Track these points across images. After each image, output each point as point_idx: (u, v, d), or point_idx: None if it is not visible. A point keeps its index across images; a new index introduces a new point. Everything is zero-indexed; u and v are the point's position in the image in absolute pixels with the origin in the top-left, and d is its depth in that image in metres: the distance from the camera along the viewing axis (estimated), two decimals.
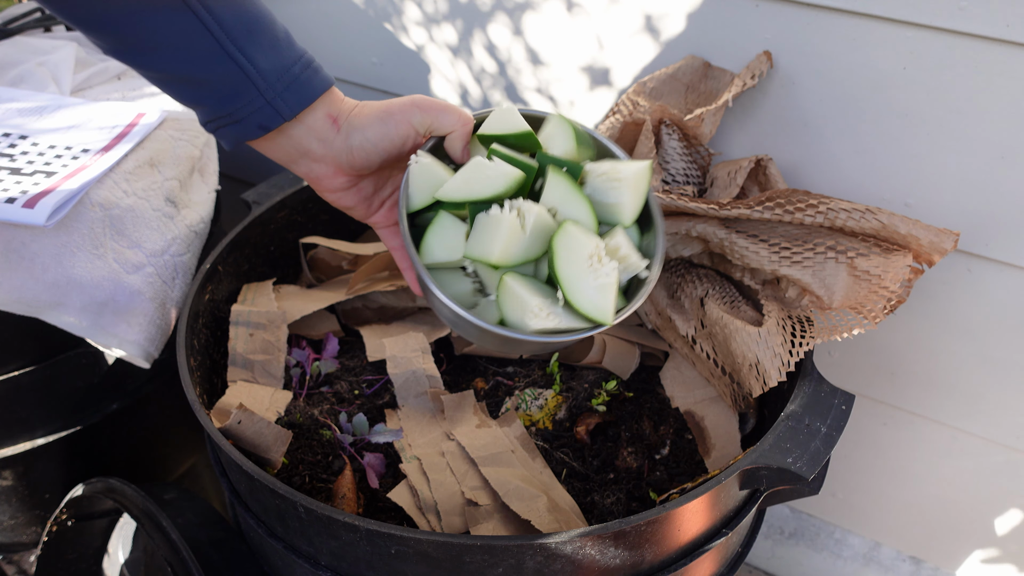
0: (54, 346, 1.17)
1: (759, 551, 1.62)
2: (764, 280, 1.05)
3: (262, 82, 0.74)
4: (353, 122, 0.80)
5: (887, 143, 1.12)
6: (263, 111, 0.76)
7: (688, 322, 1.07)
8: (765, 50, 1.15)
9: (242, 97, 0.75)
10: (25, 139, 1.21)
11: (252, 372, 1.08)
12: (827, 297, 0.96)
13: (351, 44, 1.54)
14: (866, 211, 0.95)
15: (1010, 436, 1.25)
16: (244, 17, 0.73)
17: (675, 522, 0.83)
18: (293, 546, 0.90)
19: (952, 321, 1.20)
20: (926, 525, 1.41)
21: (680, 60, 1.22)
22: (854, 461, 1.41)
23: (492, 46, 1.39)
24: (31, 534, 1.34)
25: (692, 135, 1.16)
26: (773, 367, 0.94)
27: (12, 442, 1.21)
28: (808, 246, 0.98)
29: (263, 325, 1.10)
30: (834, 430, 0.89)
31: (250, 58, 0.74)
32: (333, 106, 0.80)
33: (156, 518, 1.01)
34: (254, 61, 0.74)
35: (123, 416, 1.28)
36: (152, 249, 1.15)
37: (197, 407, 0.91)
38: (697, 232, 1.04)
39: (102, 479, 1.10)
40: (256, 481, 0.84)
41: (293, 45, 0.77)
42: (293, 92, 0.76)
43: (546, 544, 0.77)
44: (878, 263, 0.94)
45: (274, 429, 0.95)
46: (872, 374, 1.31)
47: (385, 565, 0.82)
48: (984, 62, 1.01)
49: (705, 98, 1.20)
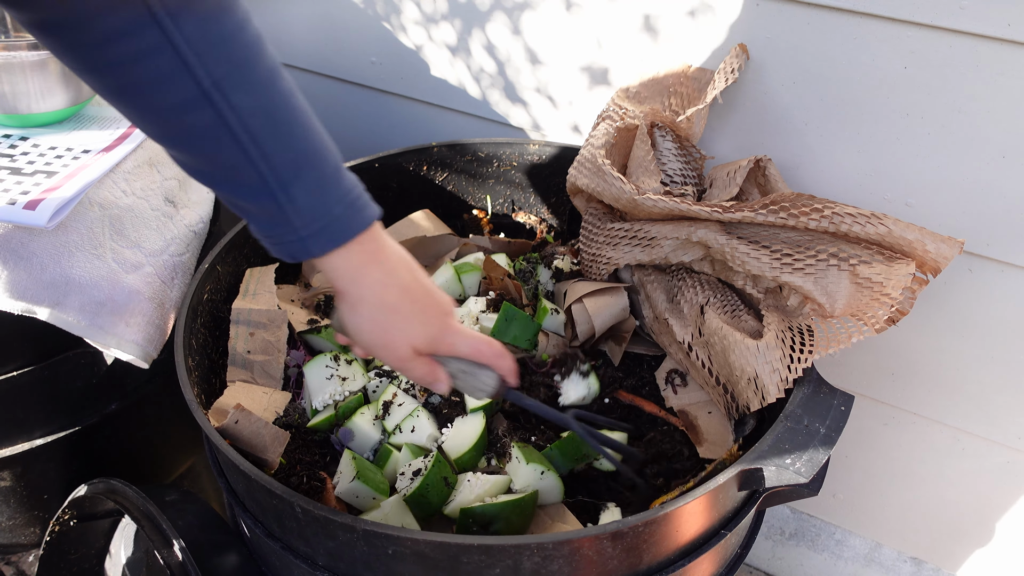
0: (53, 346, 1.17)
1: (759, 552, 1.62)
2: (766, 288, 1.05)
3: (298, 220, 0.75)
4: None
5: (888, 143, 1.12)
6: (295, 245, 0.77)
7: (686, 328, 1.06)
8: (740, 43, 1.15)
9: (278, 228, 0.76)
10: (26, 140, 1.21)
11: (251, 372, 1.08)
12: (829, 305, 0.96)
13: (350, 44, 1.54)
14: (871, 216, 0.94)
15: (1011, 436, 1.24)
16: (294, 154, 0.74)
17: (673, 523, 0.83)
18: (291, 546, 0.89)
19: (953, 321, 1.19)
20: (927, 526, 1.40)
21: (659, 63, 1.23)
22: (854, 461, 1.40)
23: (491, 45, 1.39)
24: (30, 535, 1.34)
25: (684, 136, 1.16)
26: (772, 382, 0.93)
27: (10, 443, 1.21)
28: (810, 253, 0.97)
29: (264, 324, 1.10)
30: (833, 431, 0.88)
31: (291, 197, 0.74)
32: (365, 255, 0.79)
33: (156, 520, 1.01)
34: (294, 200, 0.74)
35: (122, 416, 1.28)
36: (151, 249, 1.14)
37: (195, 407, 0.91)
38: (698, 237, 1.03)
39: (104, 480, 1.10)
40: (253, 481, 0.83)
41: (340, 182, 0.77)
42: (327, 233, 0.76)
43: (543, 544, 0.77)
44: (880, 270, 0.93)
45: (271, 429, 0.95)
46: (872, 374, 1.30)
47: (382, 565, 0.82)
48: (985, 61, 1.01)
49: (688, 99, 1.20)
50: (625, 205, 1.07)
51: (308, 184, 0.74)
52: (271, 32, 1.62)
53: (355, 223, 0.77)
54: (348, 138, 1.68)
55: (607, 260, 1.13)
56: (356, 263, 0.79)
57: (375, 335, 0.83)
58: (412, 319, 0.83)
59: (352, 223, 0.77)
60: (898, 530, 1.44)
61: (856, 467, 1.41)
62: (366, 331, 0.83)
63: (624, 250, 1.12)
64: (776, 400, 0.94)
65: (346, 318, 0.83)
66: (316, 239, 0.76)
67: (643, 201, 1.03)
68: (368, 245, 0.79)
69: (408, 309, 0.82)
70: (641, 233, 1.09)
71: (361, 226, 0.78)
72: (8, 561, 1.49)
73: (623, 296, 1.13)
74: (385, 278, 0.80)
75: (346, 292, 0.81)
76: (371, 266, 0.80)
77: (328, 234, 0.76)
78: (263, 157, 0.72)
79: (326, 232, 0.76)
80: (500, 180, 1.38)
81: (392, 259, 0.81)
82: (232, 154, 0.72)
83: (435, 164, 1.37)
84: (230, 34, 0.69)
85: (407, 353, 0.84)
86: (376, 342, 0.83)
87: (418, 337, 0.83)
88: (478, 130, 1.50)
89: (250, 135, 0.71)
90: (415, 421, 1.02)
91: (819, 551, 1.55)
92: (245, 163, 0.72)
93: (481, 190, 1.40)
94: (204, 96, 0.69)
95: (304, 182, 0.74)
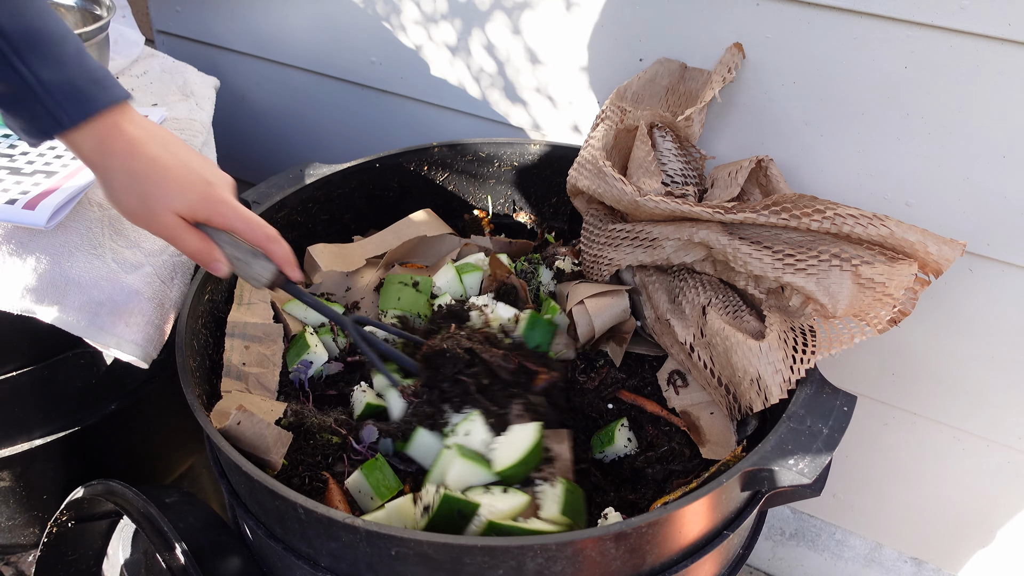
0: (52, 346, 1.16)
1: (760, 552, 1.62)
2: (768, 289, 1.05)
3: (42, 91, 0.80)
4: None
5: (888, 143, 1.12)
6: (44, 119, 0.81)
7: (687, 329, 1.06)
8: (735, 42, 1.15)
9: (27, 103, 0.80)
10: None
11: (246, 384, 1.06)
12: (831, 305, 0.96)
13: (350, 44, 1.54)
14: (873, 218, 0.94)
15: (1012, 436, 1.24)
16: (29, 30, 0.79)
17: (676, 524, 0.83)
18: (293, 548, 0.89)
19: (954, 321, 1.20)
20: (928, 526, 1.40)
21: (655, 64, 1.23)
22: (855, 462, 1.40)
23: (491, 45, 1.39)
24: (29, 535, 1.34)
25: (684, 136, 1.16)
26: (775, 383, 0.93)
27: (10, 443, 1.21)
28: (812, 253, 0.97)
29: (259, 338, 1.10)
30: (836, 431, 0.88)
31: (33, 70, 0.79)
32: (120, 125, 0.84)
33: (156, 521, 1.01)
34: (37, 73, 0.79)
35: (121, 417, 1.28)
36: (150, 248, 1.14)
37: (196, 408, 0.91)
38: (700, 238, 1.03)
39: (103, 481, 1.10)
40: (256, 482, 0.83)
41: (84, 62, 0.82)
42: (73, 105, 0.81)
43: (547, 545, 0.77)
44: (882, 271, 0.93)
45: (274, 430, 0.95)
46: (873, 374, 1.30)
47: (385, 567, 0.82)
48: (985, 61, 1.01)
49: (686, 99, 1.20)
50: (626, 206, 1.07)
51: (48, 58, 0.80)
52: (271, 32, 1.62)
53: (101, 98, 0.83)
54: (348, 138, 1.67)
55: (608, 261, 1.13)
56: (103, 135, 0.84)
57: (131, 204, 0.87)
58: (166, 185, 0.86)
59: (98, 98, 0.82)
60: (898, 530, 1.44)
61: (856, 467, 1.41)
62: (123, 201, 0.87)
63: (625, 251, 1.12)
64: (779, 401, 0.94)
65: (105, 193, 0.87)
66: (64, 111, 0.81)
67: (644, 202, 1.03)
68: (117, 119, 0.84)
69: (160, 176, 0.86)
70: (642, 234, 1.09)
71: (108, 101, 0.83)
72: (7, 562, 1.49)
73: (624, 298, 1.13)
74: (130, 147, 0.85)
75: (95, 165, 0.85)
76: (116, 138, 0.84)
77: (75, 105, 0.81)
78: (2, 36, 0.77)
79: (72, 103, 0.81)
80: (501, 180, 1.38)
81: (141, 133, 0.86)
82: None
83: (436, 164, 1.36)
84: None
85: (171, 220, 0.87)
86: (136, 210, 0.87)
87: (177, 202, 0.87)
88: (478, 130, 1.50)
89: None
90: (470, 424, 0.98)
91: (819, 551, 1.55)
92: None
93: (482, 190, 1.40)
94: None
95: (44, 56, 0.79)
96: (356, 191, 1.34)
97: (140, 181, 0.85)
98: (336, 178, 1.30)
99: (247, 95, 1.75)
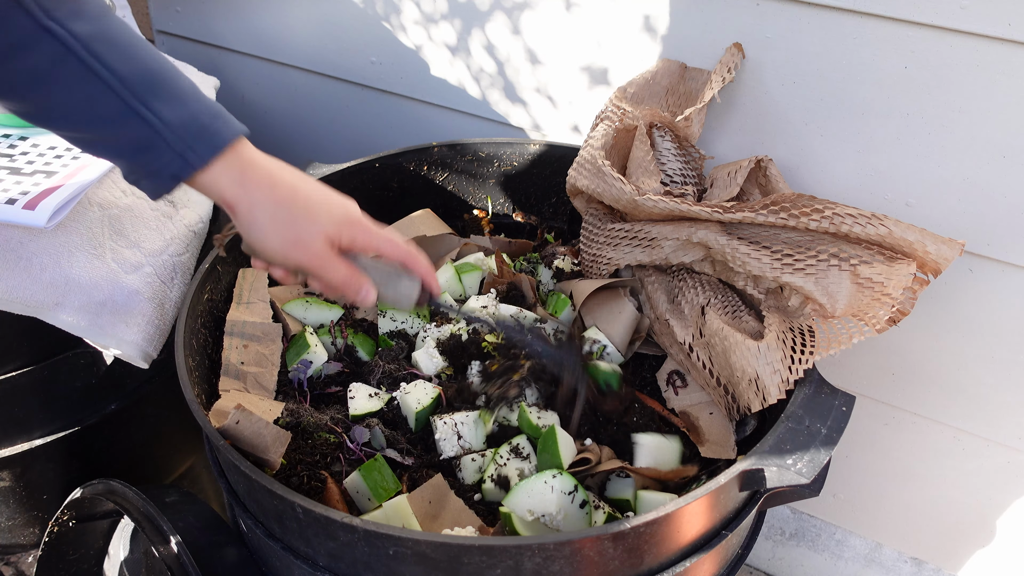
0: (52, 346, 1.17)
1: (759, 552, 1.62)
2: (767, 289, 1.05)
3: (169, 134, 0.75)
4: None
5: (888, 143, 1.12)
6: (173, 163, 0.76)
7: (686, 329, 1.06)
8: (735, 42, 1.15)
9: (152, 151, 0.76)
10: (25, 139, 1.21)
11: (244, 383, 1.07)
12: (830, 305, 0.96)
13: (351, 44, 1.54)
14: (872, 218, 0.94)
15: (1012, 436, 1.24)
16: (145, 73, 0.75)
17: (675, 523, 0.83)
18: (291, 547, 0.89)
19: (954, 321, 1.19)
20: (927, 526, 1.40)
21: (655, 64, 1.23)
22: (855, 462, 1.40)
23: (491, 45, 1.39)
24: (29, 535, 1.34)
25: (683, 136, 1.16)
26: (773, 383, 0.93)
27: (10, 443, 1.21)
28: (811, 253, 0.97)
29: (258, 337, 1.10)
30: (834, 432, 0.88)
31: (155, 112, 0.75)
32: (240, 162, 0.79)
33: (156, 521, 1.01)
34: (159, 114, 0.75)
35: (121, 417, 1.28)
36: (150, 249, 1.14)
37: (195, 407, 0.91)
38: (698, 238, 1.03)
39: (103, 481, 1.10)
40: (254, 482, 0.83)
41: (200, 97, 0.78)
42: (202, 142, 0.76)
43: (544, 545, 0.77)
44: (881, 271, 0.93)
45: (273, 430, 0.95)
46: (873, 374, 1.30)
47: (383, 566, 0.82)
48: (986, 61, 1.01)
49: (685, 99, 1.20)
50: (625, 206, 1.07)
51: (168, 98, 0.75)
52: (272, 32, 1.62)
53: (227, 131, 0.78)
54: (348, 138, 1.68)
55: (608, 261, 1.13)
56: (239, 168, 0.78)
57: (281, 235, 0.80)
58: (313, 209, 0.81)
59: (225, 131, 0.78)
60: (898, 530, 1.44)
61: (856, 467, 1.41)
62: (271, 234, 0.80)
63: (625, 251, 1.12)
64: (777, 401, 0.93)
65: (247, 231, 0.81)
66: (192, 150, 0.76)
67: (643, 202, 1.03)
68: (244, 153, 0.79)
69: (304, 202, 0.81)
70: (641, 234, 1.09)
71: (234, 133, 0.78)
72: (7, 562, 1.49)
73: (625, 302, 1.14)
74: (270, 177, 0.80)
75: (237, 201, 0.79)
76: (255, 170, 0.79)
77: (203, 142, 0.76)
78: (116, 77, 0.73)
79: (201, 141, 0.76)
80: (500, 180, 1.38)
81: (272, 163, 0.81)
82: (84, 84, 0.72)
83: (435, 164, 1.36)
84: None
85: (322, 247, 0.82)
86: (286, 241, 0.81)
87: (328, 225, 0.82)
88: (478, 130, 1.50)
89: (97, 58, 0.72)
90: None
91: (819, 551, 1.55)
92: (100, 89, 0.73)
93: (481, 190, 1.40)
94: (43, 29, 0.70)
95: (163, 97, 0.75)
96: (356, 191, 1.32)
97: (289, 210, 0.80)
98: (336, 178, 1.30)
99: (247, 95, 1.76)
